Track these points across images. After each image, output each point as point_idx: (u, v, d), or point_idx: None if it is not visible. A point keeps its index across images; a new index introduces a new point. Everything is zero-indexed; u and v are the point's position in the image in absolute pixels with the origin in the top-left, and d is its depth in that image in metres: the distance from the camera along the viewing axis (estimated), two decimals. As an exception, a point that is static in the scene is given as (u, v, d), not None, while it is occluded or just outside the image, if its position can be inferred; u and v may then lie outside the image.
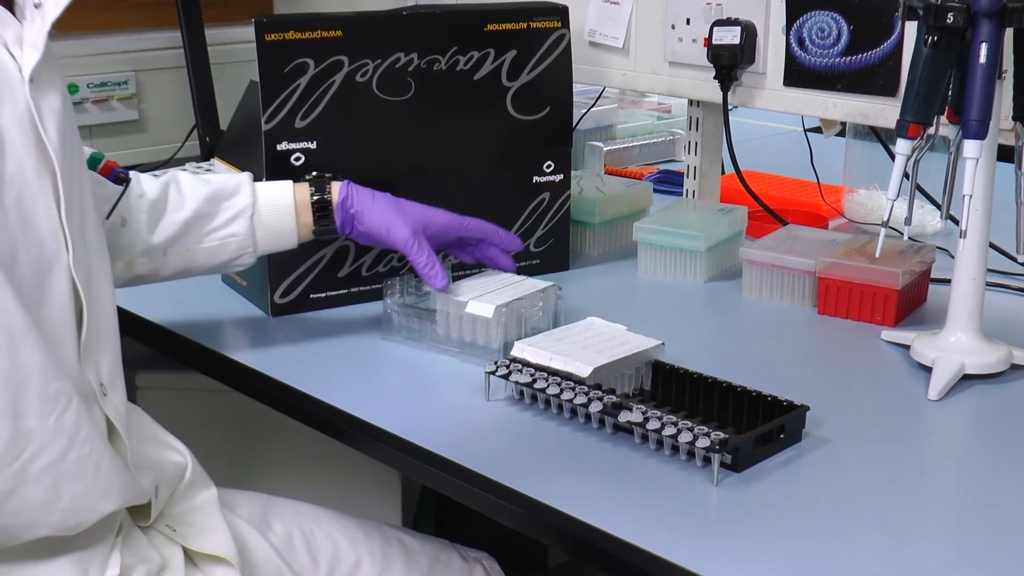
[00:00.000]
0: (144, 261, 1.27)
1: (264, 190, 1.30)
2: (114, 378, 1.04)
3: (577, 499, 1.02)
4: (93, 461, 0.97)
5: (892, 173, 1.23)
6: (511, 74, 1.50)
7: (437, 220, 1.32)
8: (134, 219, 1.26)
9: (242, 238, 1.28)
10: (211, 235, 1.28)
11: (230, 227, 1.28)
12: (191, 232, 1.28)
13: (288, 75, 1.37)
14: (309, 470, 1.67)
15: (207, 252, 1.28)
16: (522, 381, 1.16)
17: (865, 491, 1.04)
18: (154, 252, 1.27)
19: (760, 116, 2.48)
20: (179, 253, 1.28)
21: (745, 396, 1.14)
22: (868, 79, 1.49)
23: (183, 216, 1.27)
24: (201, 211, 1.27)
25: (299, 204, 1.29)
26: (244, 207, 1.28)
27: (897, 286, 1.40)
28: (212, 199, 1.28)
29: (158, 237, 1.27)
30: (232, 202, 1.28)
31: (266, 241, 1.30)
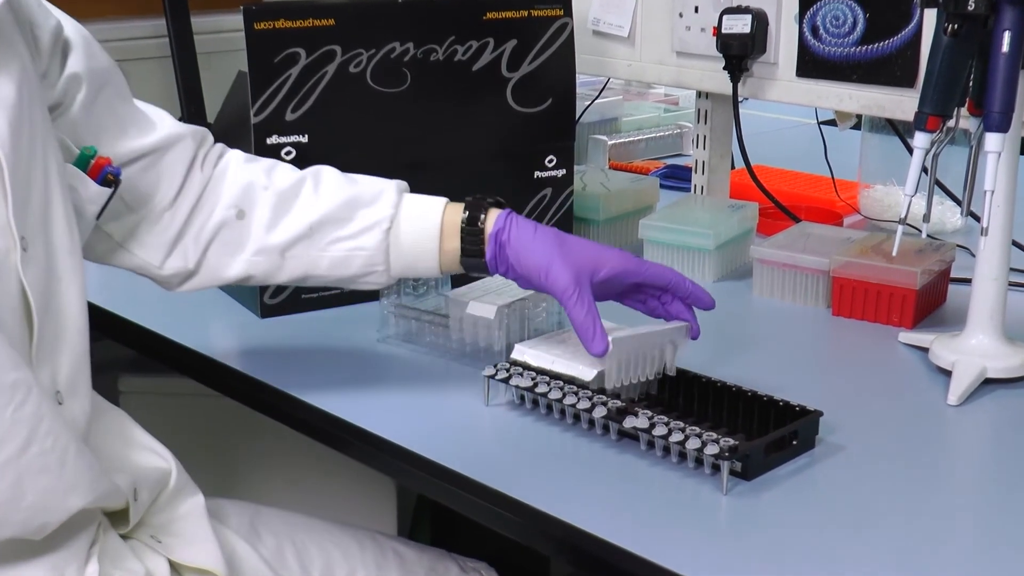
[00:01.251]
0: (259, 261, 1.19)
1: (410, 204, 1.19)
2: (75, 386, 1.03)
3: (580, 508, 1.02)
4: (57, 454, 0.96)
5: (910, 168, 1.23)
6: (511, 65, 1.50)
7: (609, 264, 1.16)
8: (253, 214, 1.19)
9: (372, 253, 1.17)
10: (337, 244, 1.18)
11: (360, 239, 1.17)
12: (316, 236, 1.18)
13: (278, 65, 1.38)
14: (300, 478, 1.67)
15: (330, 262, 1.18)
16: (523, 385, 1.17)
17: (881, 500, 1.04)
18: (270, 252, 1.19)
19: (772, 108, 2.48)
20: (299, 257, 1.19)
21: (756, 401, 1.15)
22: (885, 69, 1.49)
23: (310, 219, 1.18)
24: (333, 216, 1.18)
25: (446, 225, 1.17)
26: (380, 219, 1.17)
27: (915, 286, 1.40)
28: (349, 203, 1.18)
29: (277, 238, 1.18)
30: (369, 211, 1.18)
31: (401, 262, 1.18)
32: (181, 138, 1.20)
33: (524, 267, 1.15)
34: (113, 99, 1.15)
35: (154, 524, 1.12)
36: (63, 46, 1.10)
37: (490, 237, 1.16)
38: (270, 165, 1.23)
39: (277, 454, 1.68)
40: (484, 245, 1.16)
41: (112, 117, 1.15)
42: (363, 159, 1.43)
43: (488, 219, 1.17)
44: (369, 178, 1.22)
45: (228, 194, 1.20)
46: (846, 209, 1.88)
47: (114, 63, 1.16)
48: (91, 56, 1.12)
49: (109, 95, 1.14)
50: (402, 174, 1.44)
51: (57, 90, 1.10)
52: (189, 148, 1.20)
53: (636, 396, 1.19)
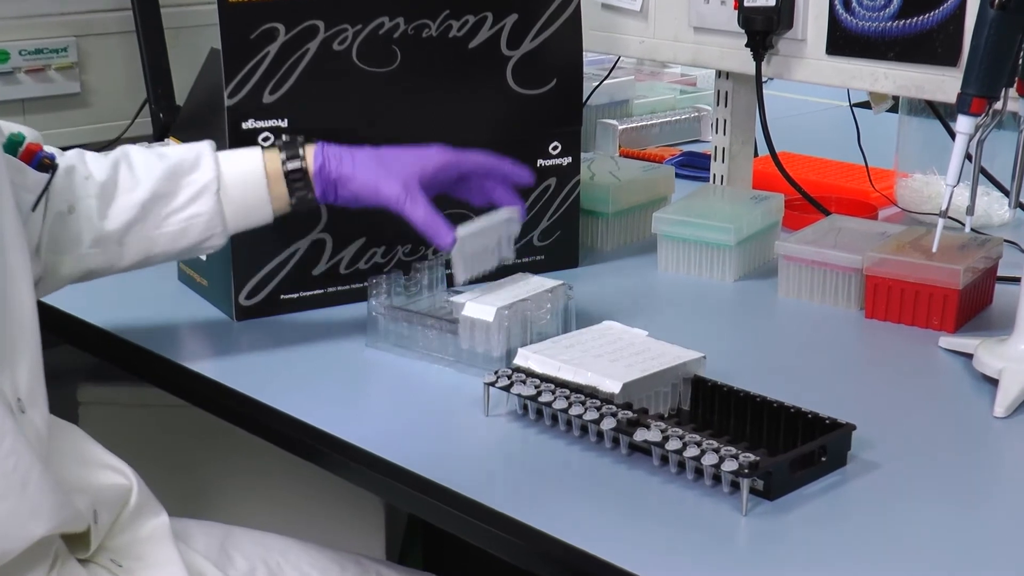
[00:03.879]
0: (96, 253, 1.26)
1: (229, 161, 1.29)
2: (34, 394, 1.04)
3: (585, 529, 1.02)
4: (19, 477, 0.97)
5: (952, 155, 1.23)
6: (512, 42, 1.50)
7: (431, 163, 1.32)
8: (82, 205, 1.24)
9: (208, 217, 1.27)
10: (172, 217, 1.27)
11: (193, 206, 1.27)
12: (149, 216, 1.26)
13: (255, 42, 1.38)
14: (278, 498, 1.67)
15: (169, 237, 1.27)
16: (526, 394, 1.17)
17: (919, 524, 1.05)
18: (107, 241, 1.26)
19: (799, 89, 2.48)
20: (137, 241, 1.27)
21: (782, 412, 1.15)
22: (924, 46, 1.49)
23: (138, 197, 1.26)
24: (159, 191, 1.26)
25: (271, 174, 1.29)
26: (207, 182, 1.27)
27: (958, 286, 1.40)
28: (170, 176, 1.27)
29: (111, 224, 1.25)
30: (193, 177, 1.27)
31: (237, 218, 1.29)
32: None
33: (353, 192, 1.30)
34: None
35: (114, 547, 1.13)
36: None
37: (315, 176, 1.29)
38: (80, 152, 1.28)
39: (252, 471, 1.68)
40: (312, 184, 1.29)
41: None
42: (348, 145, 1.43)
43: (307, 158, 1.30)
44: (178, 147, 1.32)
45: (59, 188, 1.23)
46: (881, 201, 1.88)
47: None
48: None
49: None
50: (391, 162, 1.45)
51: None
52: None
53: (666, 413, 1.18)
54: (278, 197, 1.29)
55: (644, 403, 1.16)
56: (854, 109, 1.98)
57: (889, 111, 1.90)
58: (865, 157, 1.92)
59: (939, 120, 1.77)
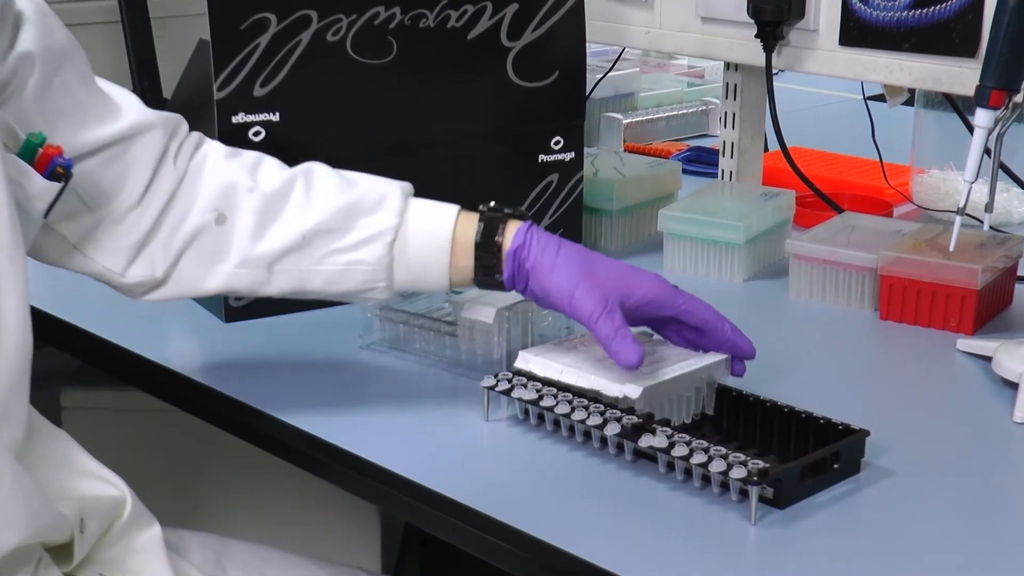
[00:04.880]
0: (243, 274, 1.19)
1: (417, 212, 1.19)
2: (7, 410, 1.02)
3: (589, 539, 1.02)
4: None
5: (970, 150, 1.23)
6: (512, 32, 1.51)
7: (640, 290, 1.18)
8: (236, 218, 1.18)
9: (371, 268, 1.18)
10: (334, 257, 1.18)
11: (360, 251, 1.17)
12: (309, 248, 1.18)
13: (245, 33, 1.38)
14: (271, 506, 1.67)
15: (325, 277, 1.19)
16: (526, 398, 1.17)
17: (935, 533, 1.05)
18: (256, 264, 1.18)
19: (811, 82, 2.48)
20: (289, 272, 1.19)
21: (792, 418, 1.15)
22: (942, 37, 1.50)
23: (303, 227, 1.18)
24: (328, 225, 1.18)
25: (458, 241, 1.18)
26: (384, 230, 1.17)
27: (976, 286, 1.40)
28: (348, 211, 1.18)
29: (264, 248, 1.18)
30: (370, 220, 1.17)
31: (406, 277, 1.19)
32: (150, 127, 1.19)
33: (546, 290, 1.17)
34: (72, 82, 1.14)
35: (103, 560, 1.13)
36: (14, 20, 1.10)
37: (508, 256, 1.17)
38: (255, 161, 1.22)
39: (244, 478, 1.69)
40: (501, 264, 1.18)
41: (70, 103, 1.14)
42: (342, 141, 1.44)
43: (506, 235, 1.18)
44: (370, 179, 1.22)
45: (206, 194, 1.20)
46: (896, 197, 1.88)
47: (74, 40, 1.16)
48: (47, 32, 1.12)
49: (67, 77, 1.14)
50: (387, 158, 1.45)
51: (5, 69, 1.09)
52: (159, 139, 1.20)
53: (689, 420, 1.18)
54: (460, 268, 1.19)
55: (665, 409, 1.16)
56: (868, 102, 1.98)
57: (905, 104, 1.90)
58: (880, 152, 1.92)
59: (957, 114, 1.77)
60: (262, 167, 1.22)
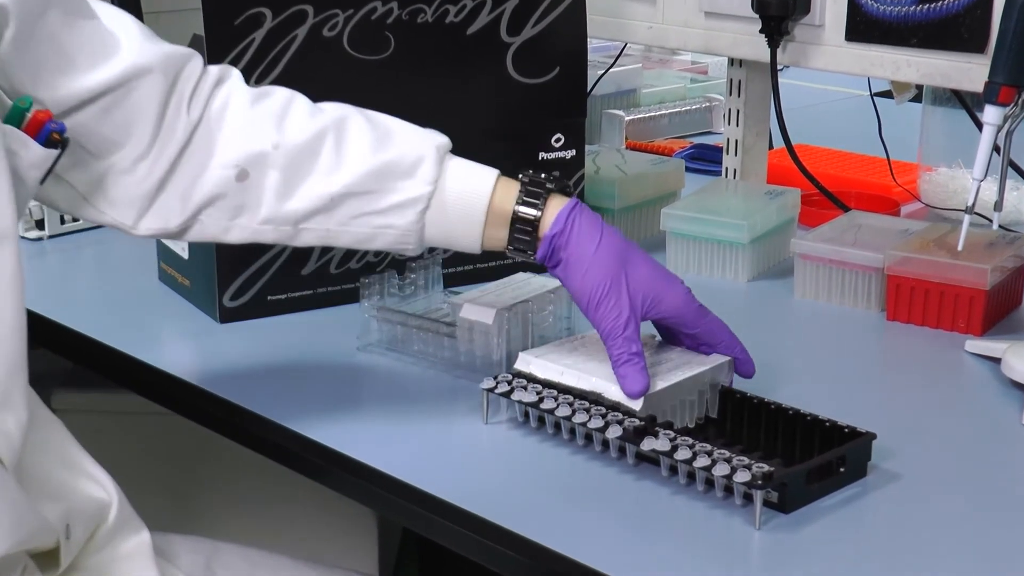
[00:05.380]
0: (267, 230, 1.17)
1: (454, 175, 1.17)
2: (10, 395, 1.00)
3: (589, 544, 1.02)
4: None
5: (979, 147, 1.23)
6: (512, 27, 1.51)
7: (666, 306, 1.18)
8: (261, 176, 1.15)
9: (401, 233, 1.17)
10: (363, 219, 1.17)
11: (390, 216, 1.16)
12: (338, 210, 1.16)
13: (240, 28, 1.38)
14: (266, 511, 1.67)
15: (353, 237, 1.18)
16: (527, 400, 1.17)
17: (944, 538, 1.05)
18: (283, 222, 1.17)
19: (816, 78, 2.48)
20: (316, 230, 1.17)
21: (797, 420, 1.15)
22: (950, 32, 1.50)
23: (331, 189, 1.16)
24: (359, 187, 1.16)
25: (494, 210, 1.17)
26: (416, 196, 1.16)
27: (985, 286, 1.41)
28: (380, 174, 1.16)
29: (291, 206, 1.16)
30: (404, 184, 1.16)
31: (438, 239, 1.19)
32: (147, 71, 1.13)
33: (573, 287, 1.16)
34: (57, 26, 1.07)
35: (89, 566, 1.12)
36: None
37: (545, 239, 1.16)
38: (282, 107, 1.18)
39: (238, 482, 1.69)
40: (537, 243, 1.17)
41: (54, 51, 1.08)
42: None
43: (547, 213, 1.16)
44: (406, 133, 1.20)
45: (227, 147, 1.16)
46: (904, 196, 1.88)
47: None
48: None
49: (52, 22, 1.07)
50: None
51: None
52: (160, 83, 1.13)
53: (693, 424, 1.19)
54: (494, 238, 1.18)
55: (668, 412, 1.16)
56: (875, 99, 1.98)
57: (912, 101, 1.90)
58: (887, 150, 1.92)
59: (965, 110, 1.77)
60: (290, 114, 1.18)
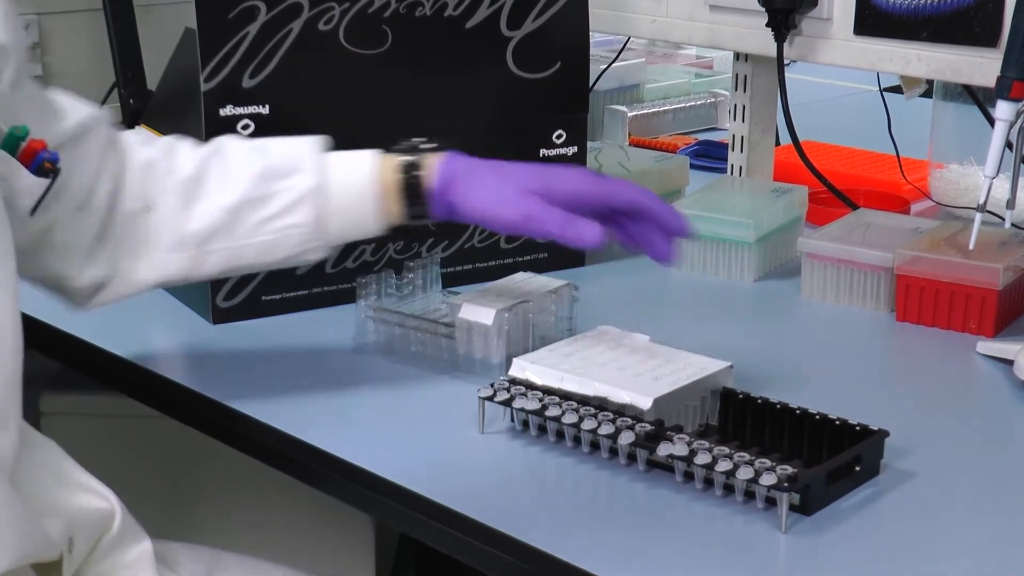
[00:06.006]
0: (175, 259, 1.23)
1: (337, 165, 1.23)
2: (5, 416, 1.02)
3: (603, 553, 1.02)
4: None
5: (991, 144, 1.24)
6: (512, 21, 1.51)
7: (566, 184, 1.23)
8: (160, 203, 1.21)
9: (305, 230, 1.22)
10: (264, 226, 1.22)
11: (289, 216, 1.22)
12: (238, 222, 1.22)
13: (233, 21, 1.38)
14: (261, 516, 1.67)
15: (259, 247, 1.23)
16: (529, 408, 1.17)
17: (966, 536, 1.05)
18: (188, 247, 1.22)
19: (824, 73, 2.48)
20: (223, 249, 1.23)
21: (806, 420, 1.15)
22: (961, 25, 1.50)
23: (227, 201, 1.22)
24: (250, 195, 1.22)
25: (382, 184, 1.23)
26: (307, 190, 1.22)
27: (997, 286, 1.41)
28: (265, 177, 1.22)
29: (194, 226, 1.22)
30: (290, 182, 1.22)
31: (338, 230, 1.24)
32: (100, 121, 1.21)
33: (471, 216, 1.23)
34: (29, 77, 1.15)
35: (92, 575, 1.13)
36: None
37: (436, 195, 1.23)
38: (168, 145, 1.25)
39: (231, 487, 1.69)
40: (427, 203, 1.23)
41: (35, 97, 1.15)
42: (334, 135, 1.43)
43: (429, 172, 1.23)
44: (282, 141, 1.26)
45: (131, 183, 1.22)
46: (914, 194, 1.88)
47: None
48: (16, 26, 1.11)
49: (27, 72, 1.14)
50: (382, 151, 1.46)
51: None
52: (104, 132, 1.22)
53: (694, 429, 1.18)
54: (390, 213, 1.24)
55: (673, 418, 1.16)
56: (884, 94, 1.98)
57: (922, 96, 1.90)
58: (896, 146, 1.92)
59: (977, 106, 1.77)
60: (177, 150, 1.24)
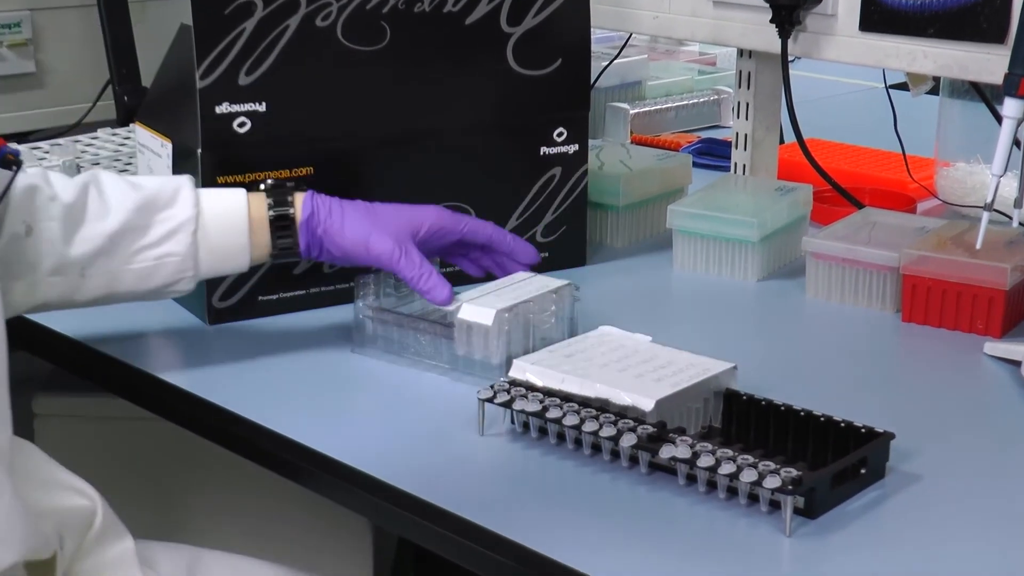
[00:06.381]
0: (55, 282, 1.27)
1: (210, 200, 1.31)
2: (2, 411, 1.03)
3: (605, 558, 1.02)
4: None
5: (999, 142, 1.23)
6: (513, 17, 1.51)
7: (426, 221, 1.36)
8: (43, 227, 1.25)
9: (180, 259, 1.29)
10: (142, 253, 1.29)
11: (166, 244, 1.29)
12: (118, 249, 1.28)
13: (229, 17, 1.38)
14: (256, 519, 1.67)
15: (136, 275, 1.29)
16: (530, 409, 1.16)
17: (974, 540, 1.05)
18: (69, 270, 1.27)
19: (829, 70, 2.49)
20: (101, 275, 1.28)
21: (811, 422, 1.15)
22: (968, 21, 1.50)
23: (107, 228, 1.27)
24: (130, 223, 1.28)
25: (254, 219, 1.31)
26: (184, 220, 1.29)
27: (1005, 286, 1.41)
28: (144, 208, 1.28)
29: (75, 252, 1.26)
30: (169, 213, 1.29)
31: (210, 262, 1.31)
32: None
33: (342, 248, 1.32)
34: None
35: (76, 573, 1.13)
36: None
37: (301, 226, 1.32)
38: (43, 172, 1.28)
39: (227, 490, 1.69)
40: (297, 235, 1.32)
41: None
42: (332, 132, 1.44)
43: (296, 206, 1.32)
44: (154, 178, 1.35)
45: (14, 207, 1.23)
46: (920, 192, 1.88)
47: None
48: None
49: None
50: (379, 150, 1.46)
51: None
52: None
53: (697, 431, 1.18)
54: (259, 245, 1.32)
55: (675, 420, 1.15)
56: (890, 91, 1.98)
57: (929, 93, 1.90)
58: (902, 144, 1.92)
59: (984, 103, 1.77)
60: (52, 177, 1.28)
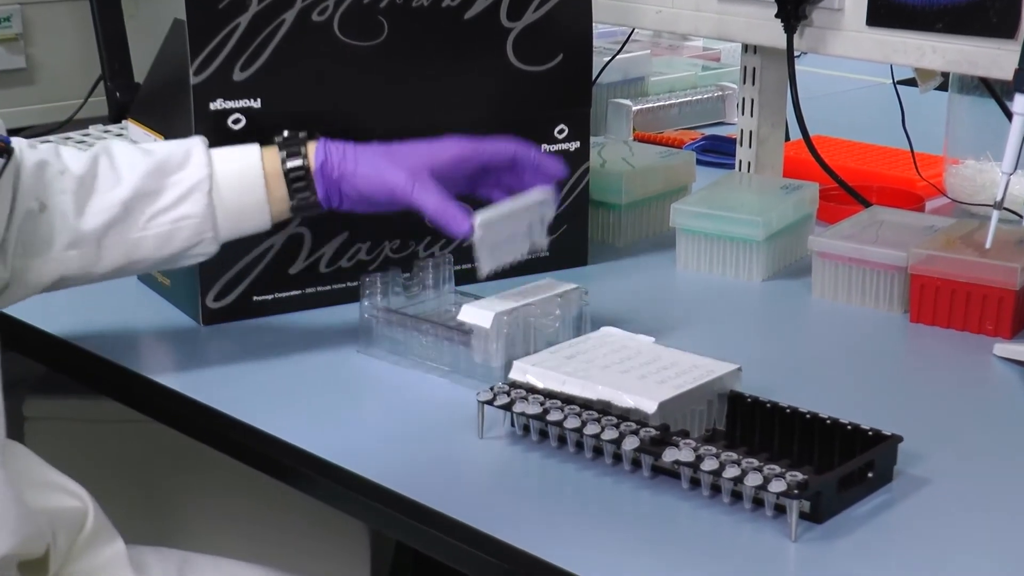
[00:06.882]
0: (72, 256, 1.26)
1: (222, 158, 1.30)
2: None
3: (603, 562, 1.02)
4: None
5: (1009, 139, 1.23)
6: (513, 12, 1.51)
7: (444, 154, 1.32)
8: (56, 202, 1.25)
9: (198, 220, 1.28)
10: (157, 218, 1.28)
11: (182, 207, 1.28)
12: (132, 216, 1.27)
13: (224, 12, 1.38)
14: (252, 523, 1.67)
15: (154, 240, 1.28)
16: (530, 412, 1.17)
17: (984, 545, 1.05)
18: (85, 242, 1.26)
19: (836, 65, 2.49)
20: (118, 244, 1.27)
21: (817, 424, 1.15)
22: (978, 16, 1.50)
23: (120, 195, 1.26)
24: (143, 189, 1.27)
25: (269, 173, 1.30)
26: (198, 180, 1.28)
27: (1015, 286, 1.41)
28: (156, 172, 1.28)
29: (89, 223, 1.26)
30: (181, 175, 1.28)
31: (230, 222, 1.30)
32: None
33: (358, 189, 1.31)
34: None
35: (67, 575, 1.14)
36: None
37: (316, 174, 1.31)
38: (53, 147, 1.29)
39: (222, 494, 1.69)
40: (313, 185, 1.31)
41: None
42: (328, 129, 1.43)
43: (310, 156, 1.31)
44: (166, 143, 1.33)
45: (26, 184, 1.24)
46: (928, 190, 1.88)
47: None
48: None
49: None
50: (378, 147, 1.45)
51: None
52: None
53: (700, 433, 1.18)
54: (277, 200, 1.30)
55: (679, 422, 1.15)
56: (898, 87, 1.98)
57: (937, 89, 1.91)
58: (910, 141, 1.93)
59: (994, 99, 1.77)
60: (62, 151, 1.29)
